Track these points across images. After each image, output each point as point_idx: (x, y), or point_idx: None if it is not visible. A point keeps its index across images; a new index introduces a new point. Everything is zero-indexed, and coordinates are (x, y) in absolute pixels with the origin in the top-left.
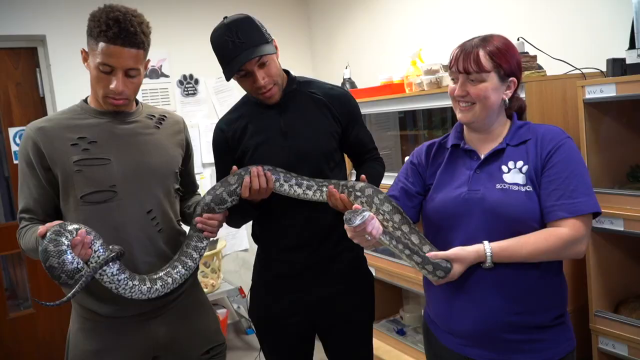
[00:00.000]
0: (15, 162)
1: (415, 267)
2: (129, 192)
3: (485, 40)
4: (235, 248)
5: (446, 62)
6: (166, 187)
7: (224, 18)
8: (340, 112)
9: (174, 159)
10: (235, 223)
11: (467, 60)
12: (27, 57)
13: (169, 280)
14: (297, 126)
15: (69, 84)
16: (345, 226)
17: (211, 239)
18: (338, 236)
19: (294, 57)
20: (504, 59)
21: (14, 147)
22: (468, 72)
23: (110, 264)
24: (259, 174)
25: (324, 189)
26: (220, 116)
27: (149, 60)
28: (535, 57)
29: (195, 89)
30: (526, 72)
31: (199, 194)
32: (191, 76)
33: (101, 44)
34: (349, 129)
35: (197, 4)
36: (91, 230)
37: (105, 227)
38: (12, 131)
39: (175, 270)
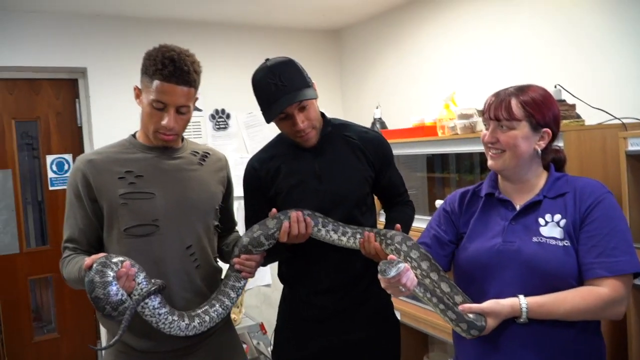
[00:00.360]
0: (51, 188)
1: (449, 323)
2: (171, 227)
3: (521, 89)
4: (258, 283)
5: (480, 106)
6: (206, 223)
7: (265, 60)
8: (374, 156)
9: (215, 196)
10: (268, 263)
11: (499, 108)
12: (68, 88)
13: (207, 318)
14: (332, 170)
15: (105, 115)
16: (379, 276)
17: (249, 279)
18: (367, 282)
19: (324, 95)
20: (538, 109)
21: (50, 174)
22: (499, 119)
23: (152, 297)
24: (298, 219)
25: (358, 235)
26: (250, 150)
27: (197, 98)
28: (574, 105)
29: (227, 123)
30: (564, 121)
31: (237, 231)
32: (223, 110)
33: (156, 82)
34: (382, 172)
35: (232, 41)
36: (135, 262)
37: (146, 261)
38: (49, 158)
39: (212, 309)
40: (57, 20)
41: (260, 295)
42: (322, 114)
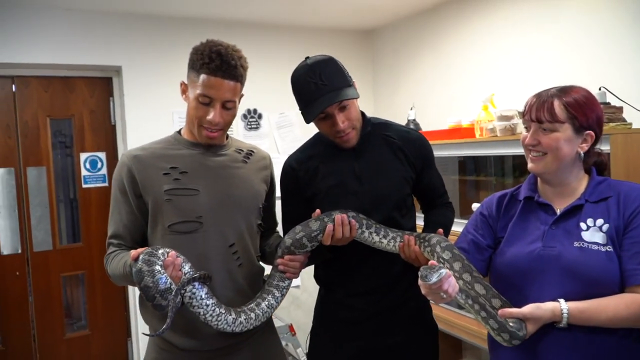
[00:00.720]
0: (84, 186)
1: (490, 332)
2: (214, 224)
3: (563, 90)
4: None
5: (521, 108)
6: (249, 221)
7: (305, 58)
8: (415, 156)
9: (259, 194)
10: (311, 264)
11: (540, 109)
12: (102, 86)
13: (252, 315)
14: (372, 171)
15: (139, 113)
16: (420, 282)
17: (293, 279)
18: (406, 285)
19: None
20: (581, 111)
21: (83, 172)
22: (540, 121)
23: (199, 287)
24: (343, 222)
25: (398, 239)
26: (282, 151)
27: (242, 94)
28: (621, 108)
29: (258, 123)
30: (610, 124)
31: (278, 232)
32: (255, 110)
33: (202, 76)
34: (422, 173)
35: (265, 42)
36: (180, 254)
37: (188, 257)
38: (83, 156)
39: (259, 307)
40: (92, 18)
41: (289, 297)
42: (362, 113)
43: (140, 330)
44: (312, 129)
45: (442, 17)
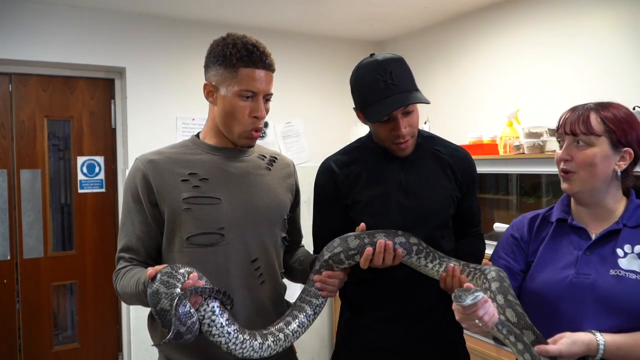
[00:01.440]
0: (80, 191)
1: None
2: (236, 237)
3: (602, 105)
4: None
5: (550, 126)
6: (274, 234)
7: (371, 55)
8: (463, 176)
9: (284, 204)
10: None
11: (576, 122)
12: (104, 88)
13: (281, 336)
14: (420, 184)
15: (141, 117)
16: (454, 306)
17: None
18: (440, 311)
19: None
20: (620, 126)
21: (80, 177)
22: (575, 134)
23: (218, 311)
24: (387, 249)
25: (443, 266)
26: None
27: None
28: None
29: (264, 132)
30: None
31: (304, 246)
32: None
33: (243, 70)
34: (466, 196)
35: (274, 48)
36: (202, 275)
37: (207, 273)
38: (80, 160)
39: (288, 327)
40: (98, 16)
41: None
42: None
43: (133, 345)
44: (319, 139)
45: (456, 31)
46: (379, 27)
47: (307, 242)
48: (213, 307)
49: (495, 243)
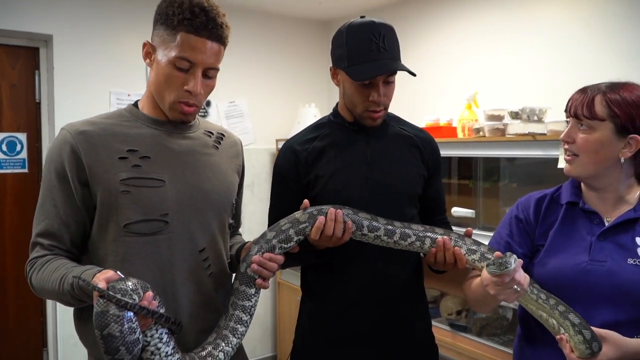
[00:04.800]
0: (1, 171)
1: (567, 330)
2: (182, 224)
3: (612, 86)
4: None
5: (510, 108)
6: (222, 220)
7: (361, 17)
8: (429, 157)
9: (232, 187)
10: (289, 266)
11: (580, 105)
12: (27, 58)
13: (220, 355)
14: (385, 158)
15: (70, 91)
16: (490, 279)
17: (261, 291)
18: (412, 298)
19: (312, 89)
20: (627, 111)
21: (0, 155)
22: (578, 117)
23: (166, 338)
24: (336, 219)
25: (427, 240)
26: None
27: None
28: None
29: (206, 112)
30: None
31: (240, 234)
32: None
33: (182, 35)
34: (432, 178)
35: None
36: (156, 295)
37: (148, 266)
38: None
39: (224, 342)
40: None
41: None
42: None
43: (60, 340)
44: (264, 120)
45: (411, 12)
46: (328, 6)
47: (247, 228)
48: (161, 333)
49: (456, 228)
